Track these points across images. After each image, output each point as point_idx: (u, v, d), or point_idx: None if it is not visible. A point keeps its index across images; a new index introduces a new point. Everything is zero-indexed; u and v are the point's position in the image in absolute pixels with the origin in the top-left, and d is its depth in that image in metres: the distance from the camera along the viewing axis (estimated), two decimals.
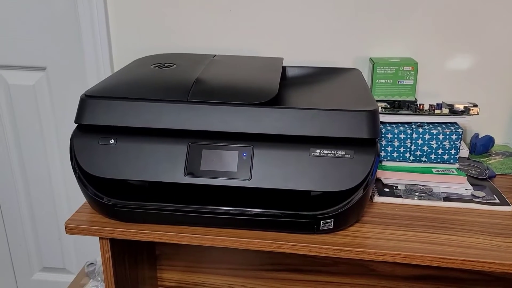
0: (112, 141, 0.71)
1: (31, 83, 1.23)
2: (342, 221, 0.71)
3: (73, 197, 1.33)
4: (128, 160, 0.70)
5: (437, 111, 0.87)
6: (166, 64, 0.87)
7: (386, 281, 1.03)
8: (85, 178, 0.72)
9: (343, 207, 0.68)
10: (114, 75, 0.84)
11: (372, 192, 0.81)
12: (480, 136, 1.02)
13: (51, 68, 1.21)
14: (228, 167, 0.69)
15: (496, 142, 1.03)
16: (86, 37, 1.13)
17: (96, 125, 0.72)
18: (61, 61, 1.20)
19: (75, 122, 0.73)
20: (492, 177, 0.90)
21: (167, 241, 0.71)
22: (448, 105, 0.88)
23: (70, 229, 0.73)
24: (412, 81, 0.97)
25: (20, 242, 1.42)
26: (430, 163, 0.86)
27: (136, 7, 1.09)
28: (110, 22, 1.12)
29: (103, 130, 0.72)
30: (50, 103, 1.25)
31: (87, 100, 0.73)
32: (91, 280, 1.14)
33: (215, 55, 0.97)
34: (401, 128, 0.85)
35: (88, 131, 0.73)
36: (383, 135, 0.85)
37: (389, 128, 0.85)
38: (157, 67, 0.85)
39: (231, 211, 0.70)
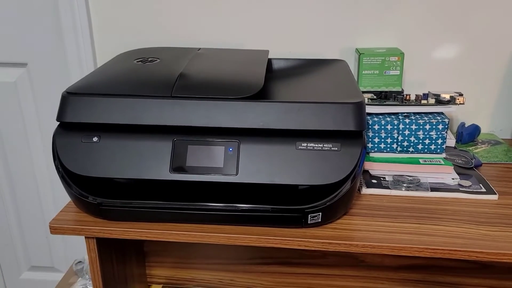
0: (95, 139, 0.70)
1: (12, 80, 1.21)
2: (330, 214, 0.71)
3: (59, 195, 1.31)
4: (112, 157, 0.69)
5: (423, 101, 0.87)
6: (149, 59, 0.85)
7: (376, 272, 1.03)
8: (68, 177, 0.70)
9: (331, 200, 0.68)
10: (96, 71, 0.82)
11: (360, 184, 0.81)
12: (466, 125, 1.03)
13: (32, 64, 1.18)
14: (214, 162, 0.68)
15: (482, 131, 1.04)
16: (67, 31, 1.10)
17: (78, 122, 0.70)
18: (42, 56, 1.17)
19: (57, 120, 0.72)
20: (478, 166, 0.90)
21: (154, 239, 0.71)
22: (434, 95, 0.88)
23: (55, 229, 0.72)
24: (398, 71, 0.97)
25: (7, 241, 1.40)
26: (417, 153, 0.86)
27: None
28: (92, 16, 1.10)
29: (86, 127, 0.70)
30: (33, 100, 1.22)
31: (69, 98, 0.71)
32: (80, 278, 1.13)
33: (199, 49, 0.95)
34: (388, 119, 0.85)
35: (71, 129, 0.71)
36: (370, 127, 0.85)
37: (375, 119, 0.85)
38: (140, 62, 0.84)
39: (218, 207, 0.69)
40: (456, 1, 1.00)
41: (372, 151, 0.87)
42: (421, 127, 0.84)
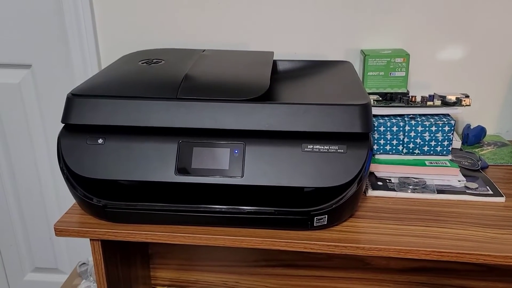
0: (100, 141, 0.70)
1: (17, 81, 1.21)
2: (336, 217, 0.70)
3: (63, 196, 1.31)
4: (117, 159, 0.69)
5: (429, 103, 0.86)
6: (154, 60, 0.85)
7: (381, 274, 1.03)
8: (73, 179, 0.70)
9: (336, 202, 0.68)
10: (101, 73, 0.82)
11: (366, 186, 0.81)
12: (472, 127, 1.02)
13: (37, 65, 1.18)
14: (220, 164, 0.68)
15: (488, 132, 1.03)
16: (72, 32, 1.10)
17: (83, 124, 0.70)
18: (46, 57, 1.17)
19: (62, 122, 0.71)
20: (484, 168, 0.89)
21: (159, 241, 0.70)
22: (440, 96, 0.87)
23: (59, 231, 0.72)
24: (404, 73, 0.96)
25: (11, 242, 1.41)
26: (423, 155, 0.85)
27: (123, 1, 1.07)
28: (96, 17, 1.10)
29: (91, 129, 0.70)
30: (37, 101, 1.22)
31: (74, 99, 0.71)
32: (84, 280, 1.13)
33: (204, 50, 0.95)
34: (394, 120, 0.84)
35: (76, 131, 0.71)
36: (375, 128, 0.85)
37: (381, 121, 0.85)
38: (145, 64, 0.84)
39: (223, 210, 0.69)
40: (462, 2, 0.99)
41: (378, 153, 0.86)
42: (427, 129, 0.83)
